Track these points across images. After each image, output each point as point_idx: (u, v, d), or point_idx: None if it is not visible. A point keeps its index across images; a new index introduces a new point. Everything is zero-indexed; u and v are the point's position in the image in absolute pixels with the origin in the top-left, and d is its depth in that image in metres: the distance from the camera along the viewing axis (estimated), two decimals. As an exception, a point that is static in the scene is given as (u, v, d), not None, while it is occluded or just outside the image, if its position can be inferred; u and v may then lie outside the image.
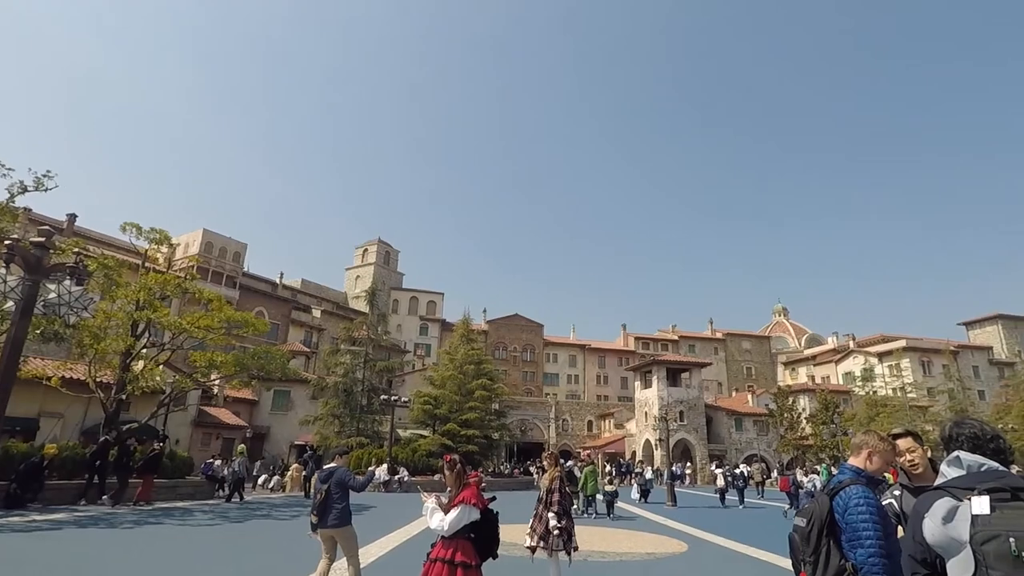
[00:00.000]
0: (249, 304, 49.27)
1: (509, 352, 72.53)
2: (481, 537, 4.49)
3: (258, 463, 32.49)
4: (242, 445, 28.96)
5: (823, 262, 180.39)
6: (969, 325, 74.31)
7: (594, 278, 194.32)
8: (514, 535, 9.83)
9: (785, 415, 49.19)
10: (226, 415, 35.51)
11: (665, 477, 26.59)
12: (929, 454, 3.68)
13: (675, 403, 48.75)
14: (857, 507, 2.84)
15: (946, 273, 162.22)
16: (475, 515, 4.40)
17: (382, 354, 42.09)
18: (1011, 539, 1.83)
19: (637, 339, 78.40)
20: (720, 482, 25.52)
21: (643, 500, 24.84)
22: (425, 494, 4.71)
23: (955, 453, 2.31)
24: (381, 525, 13.48)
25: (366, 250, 78.62)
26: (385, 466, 27.20)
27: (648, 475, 29.26)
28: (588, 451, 50.54)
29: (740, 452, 50.58)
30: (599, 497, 19.33)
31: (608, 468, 26.92)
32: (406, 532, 12.44)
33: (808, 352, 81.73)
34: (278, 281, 63.43)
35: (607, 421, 61.24)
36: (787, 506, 21.35)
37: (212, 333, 21.29)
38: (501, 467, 43.28)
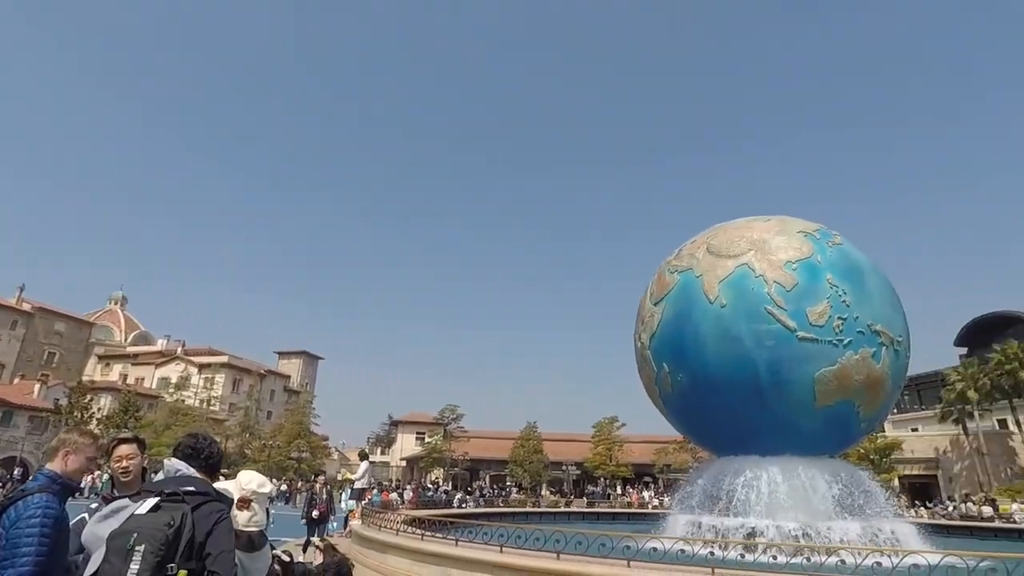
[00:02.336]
0: None
1: None
2: None
3: None
4: None
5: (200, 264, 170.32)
6: (281, 355, 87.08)
7: None
8: None
9: (76, 414, 43.29)
10: None
11: None
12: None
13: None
14: (30, 519, 2.47)
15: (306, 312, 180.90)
16: None
17: None
18: (134, 535, 2.06)
19: None
20: None
21: None
22: None
23: (167, 460, 2.54)
24: None
25: None
26: None
27: None
28: None
29: (-2, 452, 40.79)
30: None
31: None
32: None
33: (132, 350, 76.21)
34: None
35: None
36: None
37: None
38: None
